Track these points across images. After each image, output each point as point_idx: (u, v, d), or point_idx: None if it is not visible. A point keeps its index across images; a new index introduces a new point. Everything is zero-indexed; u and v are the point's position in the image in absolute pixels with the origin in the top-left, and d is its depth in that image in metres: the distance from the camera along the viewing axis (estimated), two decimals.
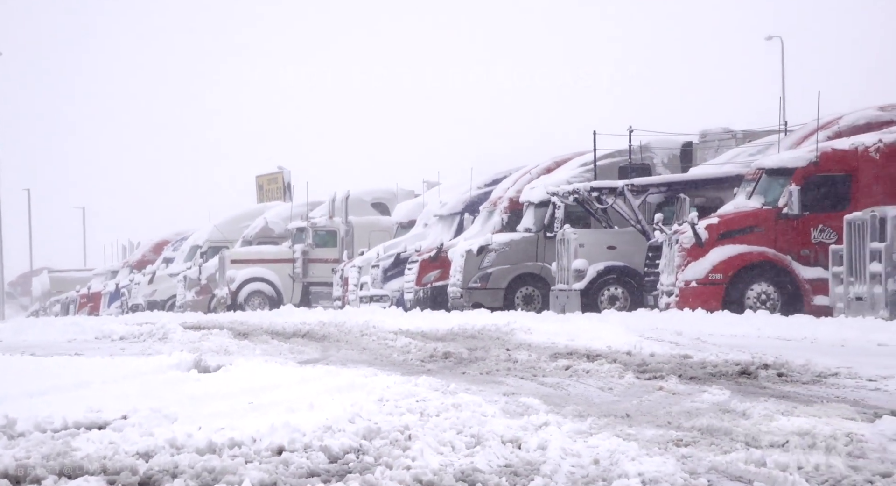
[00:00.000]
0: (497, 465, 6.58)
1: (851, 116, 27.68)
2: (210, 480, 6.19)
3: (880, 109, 27.69)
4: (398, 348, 16.68)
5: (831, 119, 27.70)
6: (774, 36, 37.38)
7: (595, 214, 30.40)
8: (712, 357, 13.58)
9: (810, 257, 25.25)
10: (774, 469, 6.60)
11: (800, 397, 10.35)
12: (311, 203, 46.69)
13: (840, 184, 25.31)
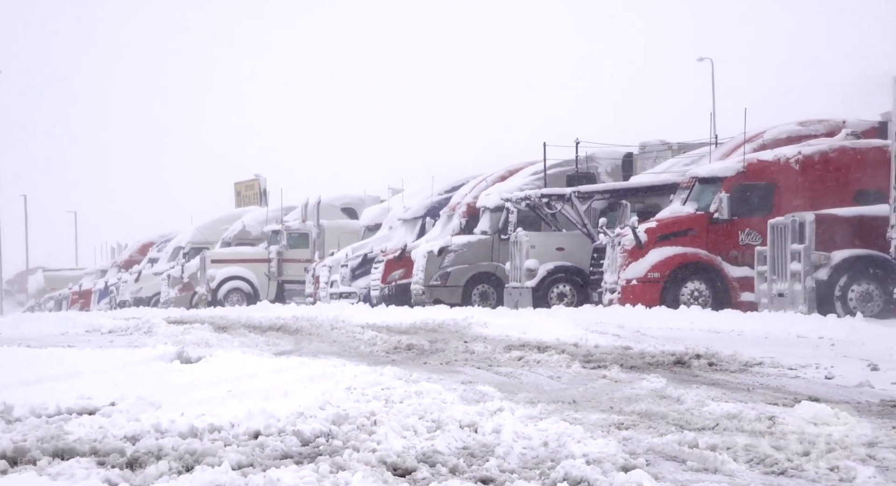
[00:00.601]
0: (455, 447, 6.60)
1: (774, 131, 27.85)
2: (192, 461, 6.18)
3: (800, 124, 27.88)
4: (365, 341, 16.67)
5: (756, 133, 27.86)
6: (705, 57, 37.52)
7: (545, 219, 30.45)
8: (650, 348, 13.64)
9: (738, 258, 25.40)
10: (705, 450, 6.63)
11: (728, 384, 10.41)
12: (286, 208, 46.64)
13: (764, 192, 25.47)
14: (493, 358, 13.17)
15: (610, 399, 9.12)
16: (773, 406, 8.41)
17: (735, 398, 8.95)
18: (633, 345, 14.20)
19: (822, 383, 10.52)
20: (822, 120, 27.80)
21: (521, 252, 29.59)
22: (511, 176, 33.92)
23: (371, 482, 5.66)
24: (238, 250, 45.25)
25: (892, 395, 9.46)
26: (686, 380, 10.63)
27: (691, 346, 13.64)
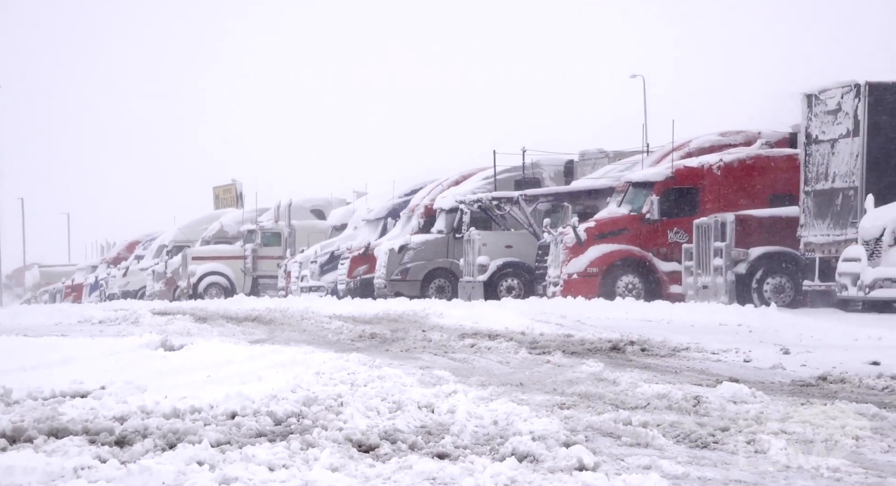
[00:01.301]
0: (414, 426, 6.61)
1: (699, 140, 28.03)
2: (175, 439, 6.17)
3: (721, 134, 28.09)
4: (332, 330, 16.66)
5: (683, 142, 28.03)
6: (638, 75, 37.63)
7: (495, 219, 30.51)
8: (589, 336, 13.68)
9: (667, 254, 25.56)
10: (638, 427, 6.67)
11: (658, 367, 10.47)
12: (260, 209, 46.59)
13: (690, 195, 25.64)
14: (449, 345, 13.19)
15: (553, 382, 9.16)
16: (698, 387, 8.47)
17: (664, 380, 9.01)
18: (574, 333, 14.25)
19: (740, 366, 10.60)
20: (740, 131, 28.00)
21: (473, 249, 29.64)
22: (464, 180, 33.98)
23: (338, 458, 5.67)
24: (216, 247, 45.14)
25: (802, 376, 9.55)
26: (621, 364, 10.67)
27: (626, 333, 13.69)
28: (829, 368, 9.86)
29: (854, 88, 22.23)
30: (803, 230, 23.08)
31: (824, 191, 22.78)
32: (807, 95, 23.26)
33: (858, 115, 22.08)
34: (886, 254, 20.02)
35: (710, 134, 28.19)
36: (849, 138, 22.30)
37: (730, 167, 25.55)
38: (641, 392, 8.17)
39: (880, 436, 6.47)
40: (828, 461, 5.71)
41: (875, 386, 8.87)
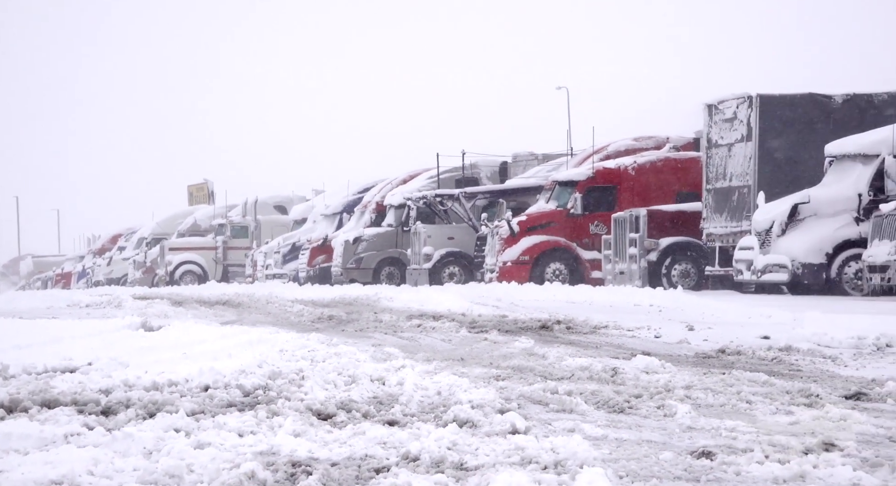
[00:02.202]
0: (367, 397, 6.62)
1: (616, 144, 28.24)
2: (154, 409, 6.14)
3: (634, 139, 28.33)
4: (294, 313, 16.61)
5: (602, 146, 28.21)
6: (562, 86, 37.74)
7: (439, 214, 30.53)
8: (522, 316, 13.73)
9: (589, 244, 25.73)
10: (563, 395, 6.71)
11: (581, 343, 10.51)
12: (229, 206, 46.36)
13: (609, 192, 25.82)
14: (398, 326, 13.19)
15: (490, 357, 9.17)
16: (616, 360, 8.52)
17: (586, 354, 9.05)
18: (508, 314, 14.29)
19: (652, 341, 10.68)
20: (651, 136, 28.21)
21: (419, 241, 29.66)
22: (411, 179, 33.98)
23: (300, 425, 5.66)
24: (191, 239, 44.92)
25: (704, 349, 9.63)
26: (549, 341, 10.72)
27: (553, 314, 13.76)
28: (727, 342, 9.94)
29: (747, 99, 22.50)
30: (705, 223, 23.32)
31: (723, 189, 23.02)
32: (707, 105, 23.49)
33: (751, 122, 22.34)
34: (775, 243, 20.27)
35: (625, 139, 28.39)
36: (743, 143, 22.56)
37: (642, 168, 25.77)
38: (566, 365, 8.22)
39: (769, 400, 6.56)
40: (725, 423, 5.78)
41: (765, 357, 8.98)
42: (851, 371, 8.09)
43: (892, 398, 6.63)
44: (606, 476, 4.40)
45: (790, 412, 6.16)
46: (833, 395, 6.74)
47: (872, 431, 5.60)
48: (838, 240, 19.88)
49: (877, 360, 8.82)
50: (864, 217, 19.46)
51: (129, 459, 4.87)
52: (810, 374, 7.93)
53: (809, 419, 5.93)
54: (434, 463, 4.79)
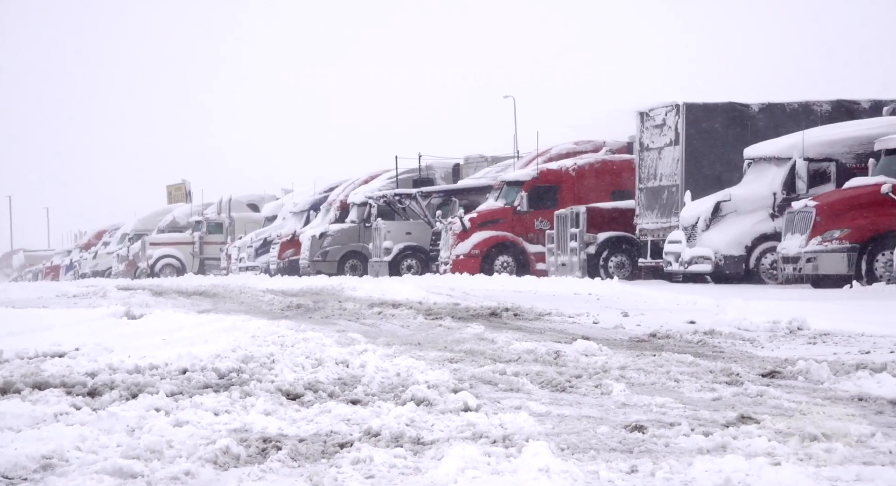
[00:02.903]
0: (333, 378, 6.61)
1: (558, 148, 28.33)
2: (136, 391, 6.10)
3: (575, 143, 28.44)
4: (265, 302, 16.54)
5: (546, 149, 28.30)
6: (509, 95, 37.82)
7: (397, 211, 30.51)
8: (473, 304, 13.75)
9: (534, 238, 25.81)
10: (511, 376, 6.74)
11: (527, 329, 10.55)
12: (205, 204, 46.06)
13: (552, 191, 25.92)
14: (360, 313, 13.17)
15: (444, 341, 9.19)
16: (558, 344, 8.56)
17: (532, 339, 9.08)
18: (461, 302, 14.31)
19: (590, 327, 10.72)
20: (590, 140, 28.34)
21: (380, 236, 29.62)
22: (372, 180, 33.92)
23: (270, 405, 5.65)
24: (170, 235, 44.60)
25: (637, 334, 9.68)
26: (498, 326, 10.75)
27: (502, 302, 13.78)
28: (658, 327, 10.01)
29: (675, 107, 22.68)
30: (638, 219, 23.47)
31: (653, 188, 23.17)
32: (640, 112, 23.64)
33: (678, 128, 22.52)
34: (700, 237, 20.45)
35: (566, 143, 28.49)
36: (672, 147, 22.72)
37: (582, 169, 25.89)
38: (514, 349, 8.24)
39: (695, 378, 6.62)
40: (655, 399, 5.83)
41: (692, 340, 9.05)
42: (767, 352, 8.18)
43: (802, 376, 6.72)
44: (549, 449, 4.43)
45: (713, 389, 6.23)
46: (751, 373, 6.82)
47: (785, 405, 5.67)
48: (756, 234, 20.11)
49: (790, 341, 8.93)
50: (778, 213, 19.68)
51: (114, 436, 4.85)
52: (731, 355, 8.01)
53: (730, 396, 6.00)
54: (393, 438, 4.80)
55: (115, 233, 52.01)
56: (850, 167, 19.66)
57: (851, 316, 10.24)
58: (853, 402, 5.81)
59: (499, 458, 4.33)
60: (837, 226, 17.88)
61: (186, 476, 4.18)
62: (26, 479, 4.20)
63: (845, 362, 7.22)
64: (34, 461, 4.38)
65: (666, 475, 4.07)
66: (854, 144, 19.90)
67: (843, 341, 8.83)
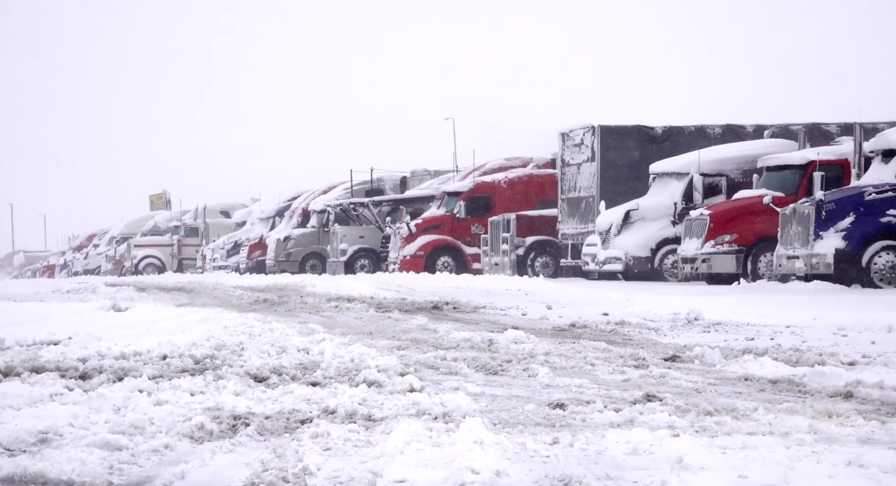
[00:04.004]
0: (295, 363, 6.57)
1: (491, 163, 28.43)
2: (122, 374, 6.03)
3: (506, 159, 28.55)
4: (236, 297, 16.38)
5: (481, 164, 28.40)
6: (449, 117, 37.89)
7: (352, 218, 30.42)
8: (418, 299, 13.74)
9: (471, 241, 25.88)
10: (451, 361, 6.74)
11: (465, 320, 10.55)
12: (183, 211, 45.58)
13: (486, 201, 26.01)
14: (319, 307, 13.10)
15: (393, 331, 9.16)
16: (491, 333, 8.57)
17: (469, 329, 9.08)
18: (407, 297, 14.29)
19: (519, 318, 10.75)
20: (518, 157, 28.47)
21: (337, 239, 29.50)
22: (330, 190, 33.81)
23: (240, 386, 5.61)
24: (152, 238, 44.10)
25: (559, 324, 9.71)
26: (439, 318, 10.75)
27: (443, 297, 13.78)
28: (577, 318, 10.06)
29: (591, 128, 22.90)
30: (560, 225, 23.63)
31: (574, 198, 23.36)
32: (561, 133, 23.83)
33: (594, 147, 22.73)
34: (613, 241, 20.66)
35: (499, 158, 28.60)
36: (589, 163, 22.94)
37: (512, 182, 26.01)
38: (453, 337, 8.24)
39: (608, 363, 6.67)
40: (574, 381, 5.87)
41: (605, 330, 9.11)
42: (669, 339, 8.25)
43: (698, 360, 6.80)
44: (483, 424, 4.45)
45: (623, 371, 6.28)
46: (655, 358, 6.89)
47: (684, 385, 5.74)
48: (660, 238, 20.38)
49: (688, 330, 9.03)
50: (678, 221, 19.95)
51: (102, 414, 4.79)
52: (639, 342, 8.07)
53: (637, 377, 6.06)
54: (348, 415, 4.78)
55: (103, 236, 51.36)
56: (738, 181, 20.00)
57: (739, 308, 10.39)
58: (740, 381, 5.90)
59: (439, 432, 4.33)
60: (728, 231, 18.18)
61: (166, 449, 4.14)
62: (25, 451, 4.14)
63: (734, 348, 7.32)
64: (32, 435, 4.33)
65: (583, 445, 4.10)
66: (741, 161, 20.26)
67: (732, 329, 8.94)
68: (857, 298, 12.85)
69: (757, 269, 18.06)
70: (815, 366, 6.19)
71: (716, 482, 3.38)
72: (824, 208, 16.00)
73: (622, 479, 3.56)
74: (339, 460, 3.87)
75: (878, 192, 15.96)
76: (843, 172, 17.95)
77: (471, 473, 3.50)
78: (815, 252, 15.96)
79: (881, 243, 15.74)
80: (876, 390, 5.36)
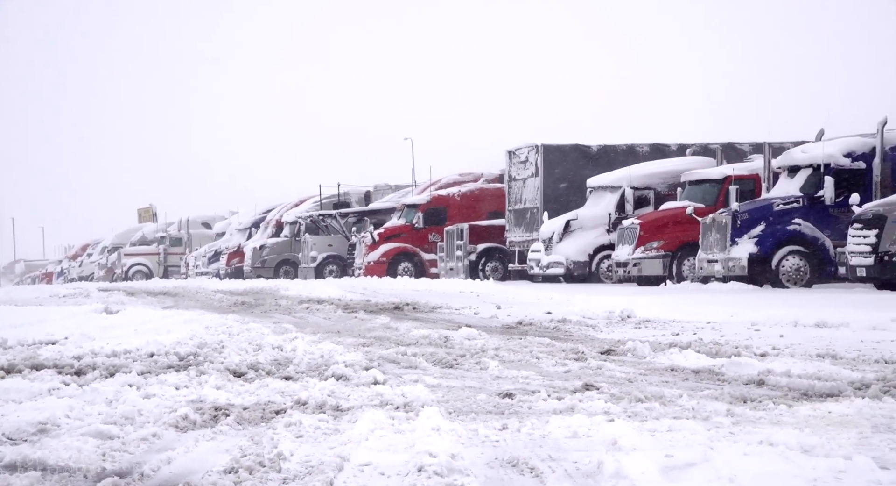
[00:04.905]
0: (270, 360, 6.53)
1: (446, 178, 28.45)
2: (113, 370, 5.95)
3: (459, 175, 28.59)
4: (216, 300, 16.21)
5: (437, 179, 28.41)
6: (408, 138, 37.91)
7: (321, 228, 30.27)
8: (381, 300, 13.70)
9: (429, 249, 25.87)
10: (411, 356, 6.74)
11: (424, 319, 10.52)
12: (168, 223, 45.13)
13: (442, 212, 26.02)
14: (292, 308, 13.01)
15: (358, 330, 9.13)
16: (447, 330, 8.55)
17: (427, 327, 9.05)
18: (372, 299, 14.25)
19: (472, 317, 10.74)
20: (471, 172, 28.53)
21: (307, 247, 29.34)
22: (301, 203, 33.61)
23: (220, 381, 5.56)
24: (140, 247, 43.63)
25: (507, 322, 9.73)
26: (401, 317, 10.72)
27: (403, 299, 13.75)
28: (523, 316, 10.10)
29: (535, 147, 23.05)
30: (508, 233, 23.72)
31: (520, 209, 23.47)
32: (508, 151, 23.95)
33: (538, 164, 22.88)
34: (555, 247, 20.80)
35: (453, 174, 28.63)
36: (533, 178, 23.07)
37: (465, 195, 26.06)
38: (413, 335, 8.23)
39: (551, 356, 6.71)
40: (521, 373, 5.90)
41: (549, 327, 9.15)
42: (605, 335, 8.31)
43: (630, 353, 6.86)
44: (440, 413, 4.46)
45: (565, 364, 6.32)
46: (593, 351, 6.93)
47: (618, 375, 5.79)
48: (596, 245, 20.56)
49: (622, 326, 9.10)
50: (612, 229, 20.16)
51: (95, 406, 4.73)
52: (578, 337, 8.11)
53: (577, 369, 6.10)
54: (318, 406, 4.77)
55: (96, 246, 50.79)
56: (664, 194, 20.27)
57: (666, 307, 10.50)
58: (667, 372, 5.96)
59: (400, 420, 4.33)
60: (655, 239, 18.41)
61: (154, 438, 4.10)
62: (26, 440, 4.10)
63: (661, 342, 7.40)
64: (33, 425, 4.29)
65: (529, 430, 4.12)
66: (666, 176, 20.53)
67: (660, 325, 9.03)
68: (767, 296, 13.06)
69: (681, 271, 18.33)
70: (731, 357, 6.28)
71: (646, 462, 3.42)
72: (739, 218, 16.32)
73: (564, 460, 3.59)
74: (310, 446, 3.86)
75: (785, 203, 16.33)
76: (755, 185, 18.29)
77: (429, 456, 3.50)
78: (731, 256, 16.25)
79: (788, 247, 16.10)
80: (784, 378, 5.46)
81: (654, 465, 3.37)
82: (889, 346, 6.88)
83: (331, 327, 9.68)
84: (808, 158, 16.47)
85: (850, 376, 5.43)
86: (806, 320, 8.58)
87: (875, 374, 5.48)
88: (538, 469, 3.46)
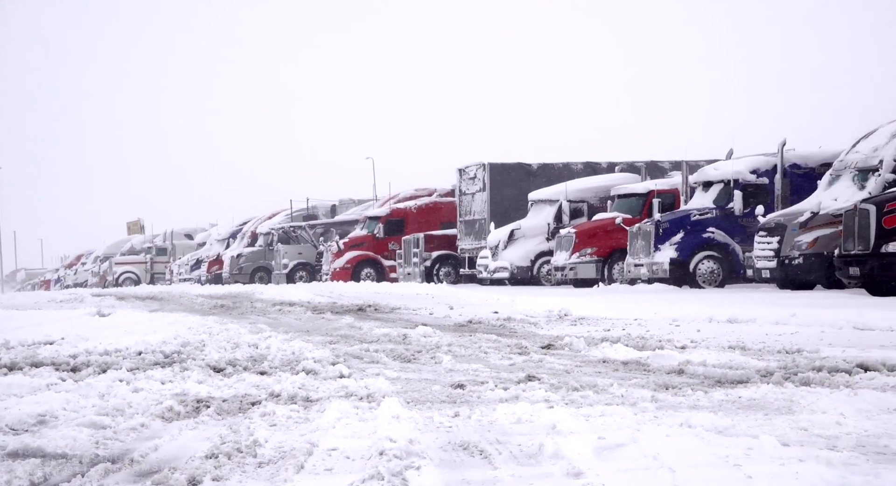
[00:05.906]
0: (246, 357, 6.45)
1: (403, 193, 28.41)
2: (106, 367, 5.85)
3: (416, 190, 28.56)
4: (198, 303, 15.97)
5: (395, 194, 28.39)
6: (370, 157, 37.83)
7: (292, 238, 30.03)
8: (347, 302, 13.62)
9: (389, 256, 25.81)
10: (373, 352, 6.70)
11: (385, 319, 10.48)
12: (154, 234, 44.51)
13: (400, 223, 26.00)
14: (266, 310, 12.87)
15: (326, 329, 9.07)
16: (406, 329, 8.52)
17: (387, 326, 9.02)
18: (338, 301, 14.16)
19: (427, 317, 10.71)
20: (426, 188, 28.52)
21: (280, 256, 29.09)
22: (274, 216, 33.37)
23: (202, 376, 5.49)
24: (129, 256, 43.03)
25: (459, 321, 9.73)
26: (364, 318, 10.67)
27: (366, 301, 13.69)
28: (474, 316, 10.13)
29: (482, 165, 23.20)
30: (459, 242, 23.76)
31: (470, 221, 23.55)
32: (459, 169, 24.03)
33: (485, 180, 23.02)
34: (501, 254, 20.90)
35: (409, 189, 28.61)
36: (481, 192, 23.19)
37: (420, 208, 26.08)
38: (375, 333, 8.20)
39: (498, 351, 6.74)
40: (471, 366, 5.92)
41: (496, 324, 9.19)
42: (545, 331, 8.35)
43: (567, 347, 6.90)
44: (399, 403, 4.45)
45: (510, 357, 6.35)
46: (535, 346, 6.97)
47: (557, 367, 5.83)
48: (537, 251, 20.74)
49: (560, 324, 9.15)
50: (551, 237, 20.35)
51: (89, 399, 4.65)
52: (522, 334, 8.15)
53: (521, 362, 6.14)
54: (290, 398, 4.73)
55: (90, 256, 50.03)
56: (596, 206, 20.55)
57: (598, 306, 10.61)
58: (600, 363, 6.02)
59: (364, 410, 4.32)
60: (589, 245, 18.64)
61: (142, 427, 4.05)
62: (27, 430, 4.04)
63: (594, 337, 7.47)
64: (33, 417, 4.23)
65: (478, 417, 4.14)
66: (598, 191, 20.82)
67: (593, 322, 9.10)
68: (686, 296, 13.27)
69: (611, 274, 18.59)
70: (655, 350, 6.36)
71: (581, 443, 3.46)
72: (661, 227, 16.64)
73: (509, 442, 3.61)
74: (283, 433, 3.83)
75: (701, 214, 16.72)
76: (675, 199, 18.64)
77: (389, 441, 3.50)
78: (655, 261, 16.56)
79: (703, 253, 16.47)
80: (701, 368, 5.55)
81: (588, 446, 3.41)
82: (790, 338, 7.04)
83: (301, 326, 9.60)
84: (719, 174, 16.88)
85: (756, 365, 5.54)
86: (719, 317, 8.74)
87: (778, 363, 5.60)
88: (487, 452, 3.48)
